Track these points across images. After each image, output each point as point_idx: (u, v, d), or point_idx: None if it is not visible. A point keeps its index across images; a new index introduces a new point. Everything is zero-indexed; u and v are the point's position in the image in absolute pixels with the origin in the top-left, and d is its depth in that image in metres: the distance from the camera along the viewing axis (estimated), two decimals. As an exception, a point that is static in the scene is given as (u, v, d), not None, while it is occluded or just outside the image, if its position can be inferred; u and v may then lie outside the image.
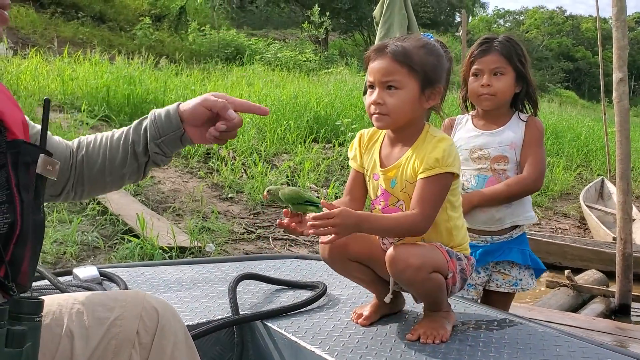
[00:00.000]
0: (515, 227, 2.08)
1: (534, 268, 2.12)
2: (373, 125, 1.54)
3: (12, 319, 0.92)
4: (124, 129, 1.29)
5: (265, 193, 1.54)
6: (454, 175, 1.47)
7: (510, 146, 2.01)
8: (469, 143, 2.07)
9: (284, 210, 1.47)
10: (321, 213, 1.34)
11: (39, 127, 1.18)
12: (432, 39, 1.51)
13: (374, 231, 1.45)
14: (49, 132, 1.21)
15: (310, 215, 1.35)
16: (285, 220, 1.45)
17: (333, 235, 1.35)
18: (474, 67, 2.03)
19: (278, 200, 1.51)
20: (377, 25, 5.56)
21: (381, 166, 1.54)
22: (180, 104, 1.26)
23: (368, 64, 1.49)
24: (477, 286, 2.10)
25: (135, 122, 1.28)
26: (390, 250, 1.43)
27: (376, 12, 5.69)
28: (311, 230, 1.34)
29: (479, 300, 2.11)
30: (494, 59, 1.99)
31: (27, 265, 1.02)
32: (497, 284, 2.10)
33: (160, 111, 1.27)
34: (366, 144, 1.60)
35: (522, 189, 2.00)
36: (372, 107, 1.47)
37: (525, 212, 2.08)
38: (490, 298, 2.12)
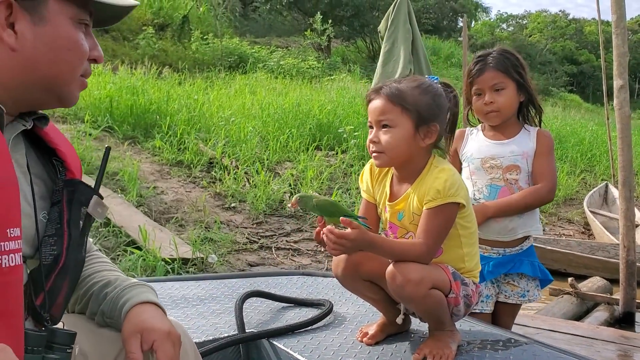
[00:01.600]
0: (525, 238, 2.10)
1: (541, 279, 2.13)
2: None
3: (45, 347, 0.97)
4: (110, 277, 1.20)
5: (293, 201, 1.51)
6: (460, 205, 1.48)
7: (523, 156, 2.03)
8: (480, 153, 2.09)
9: (319, 217, 1.46)
10: (339, 232, 1.36)
11: None
12: (435, 81, 1.54)
13: (381, 255, 1.47)
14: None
15: (328, 228, 1.38)
16: (323, 231, 1.42)
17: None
18: (474, 87, 2.05)
19: (310, 209, 1.48)
20: (382, 39, 5.60)
21: (390, 200, 1.56)
22: (131, 308, 1.12)
23: (368, 105, 1.52)
24: (493, 296, 2.12)
25: (114, 277, 1.19)
26: (390, 267, 1.45)
27: (381, 26, 5.73)
28: (324, 238, 1.37)
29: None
30: (492, 76, 2.01)
31: (62, 298, 1.07)
32: (505, 296, 2.12)
33: (121, 296, 1.14)
34: (377, 176, 1.62)
35: (537, 200, 2.03)
36: (370, 145, 1.51)
37: (536, 222, 2.11)
38: (499, 309, 2.14)
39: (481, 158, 2.08)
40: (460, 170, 2.12)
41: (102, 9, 1.08)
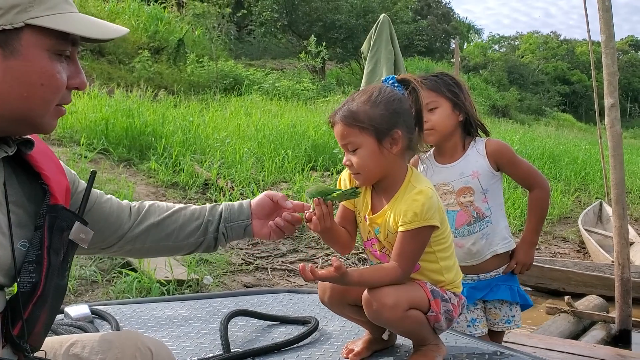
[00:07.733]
0: (500, 259, 2.07)
1: (520, 304, 2.11)
2: None
3: None
4: (197, 207, 1.48)
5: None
6: (434, 227, 1.46)
7: (473, 175, 2.02)
8: (432, 180, 2.07)
9: (315, 199, 1.51)
10: (320, 273, 1.39)
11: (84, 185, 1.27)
12: (391, 81, 1.53)
13: (356, 284, 1.44)
14: (110, 196, 1.36)
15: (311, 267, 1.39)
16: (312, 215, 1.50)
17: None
18: None
19: (308, 197, 1.54)
20: (365, 60, 5.66)
21: (372, 212, 1.55)
22: (250, 200, 1.48)
23: (333, 129, 1.56)
24: (481, 318, 2.10)
25: (209, 206, 1.48)
26: (364, 294, 1.44)
27: (364, 47, 5.81)
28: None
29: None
30: (424, 96, 2.00)
31: (41, 326, 1.05)
32: (491, 324, 2.09)
33: (233, 203, 1.48)
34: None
35: (547, 200, 2.10)
36: (347, 168, 1.55)
37: (503, 239, 2.08)
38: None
39: (434, 185, 2.07)
40: None
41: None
